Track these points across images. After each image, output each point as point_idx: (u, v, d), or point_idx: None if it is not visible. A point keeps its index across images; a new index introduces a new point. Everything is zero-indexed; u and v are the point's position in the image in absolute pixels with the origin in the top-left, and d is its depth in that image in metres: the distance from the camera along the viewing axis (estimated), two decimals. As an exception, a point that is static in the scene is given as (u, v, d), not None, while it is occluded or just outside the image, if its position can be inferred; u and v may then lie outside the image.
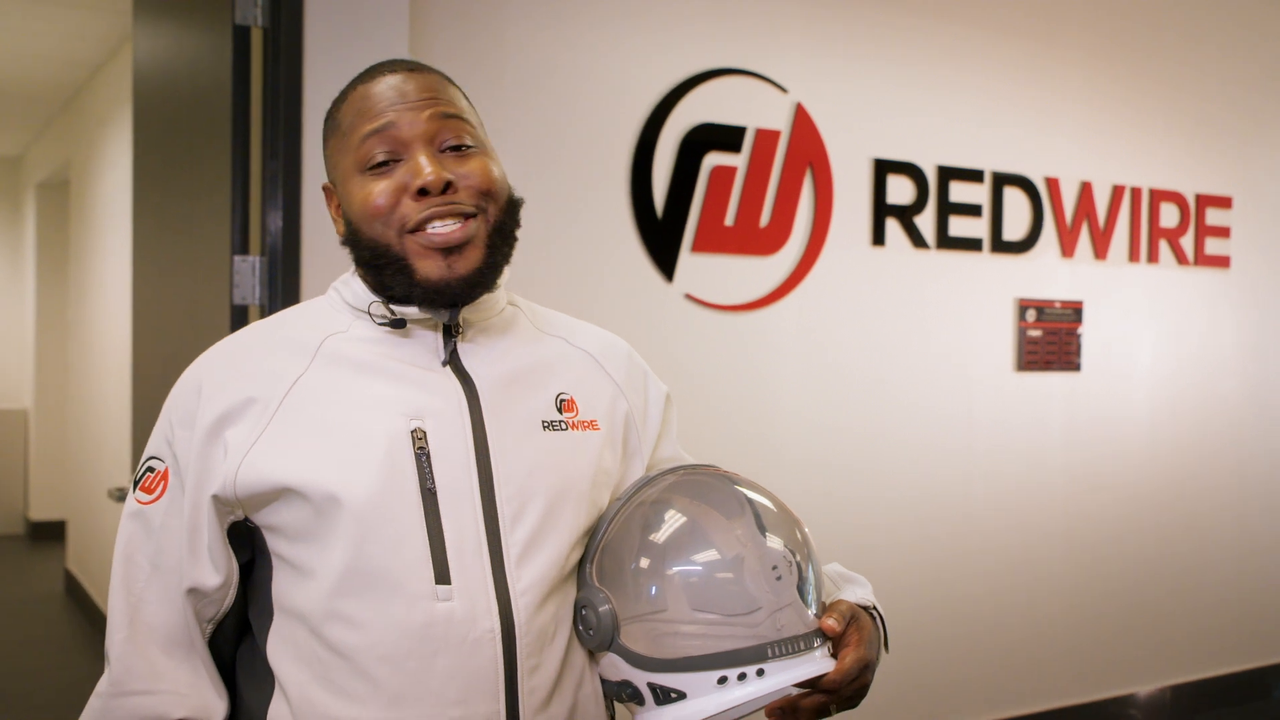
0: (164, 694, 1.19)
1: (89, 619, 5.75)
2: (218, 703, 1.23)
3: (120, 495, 2.55)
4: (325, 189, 1.30)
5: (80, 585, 6.13)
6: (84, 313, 6.23)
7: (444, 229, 1.18)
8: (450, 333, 1.25)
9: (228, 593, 1.22)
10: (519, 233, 1.27)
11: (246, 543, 1.23)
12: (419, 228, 1.18)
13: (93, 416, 5.88)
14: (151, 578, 1.21)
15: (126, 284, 4.25)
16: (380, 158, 1.20)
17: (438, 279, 1.19)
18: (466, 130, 1.23)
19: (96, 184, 5.85)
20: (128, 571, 1.22)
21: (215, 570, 1.20)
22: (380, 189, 1.19)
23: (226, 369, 1.22)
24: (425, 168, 1.18)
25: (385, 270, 1.20)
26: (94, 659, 5.04)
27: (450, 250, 1.18)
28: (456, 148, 1.22)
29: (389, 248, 1.19)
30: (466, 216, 1.20)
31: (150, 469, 1.24)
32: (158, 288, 3.02)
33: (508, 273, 1.29)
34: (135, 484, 1.25)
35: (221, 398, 1.19)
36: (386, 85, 1.22)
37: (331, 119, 1.27)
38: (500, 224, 1.23)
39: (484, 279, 1.22)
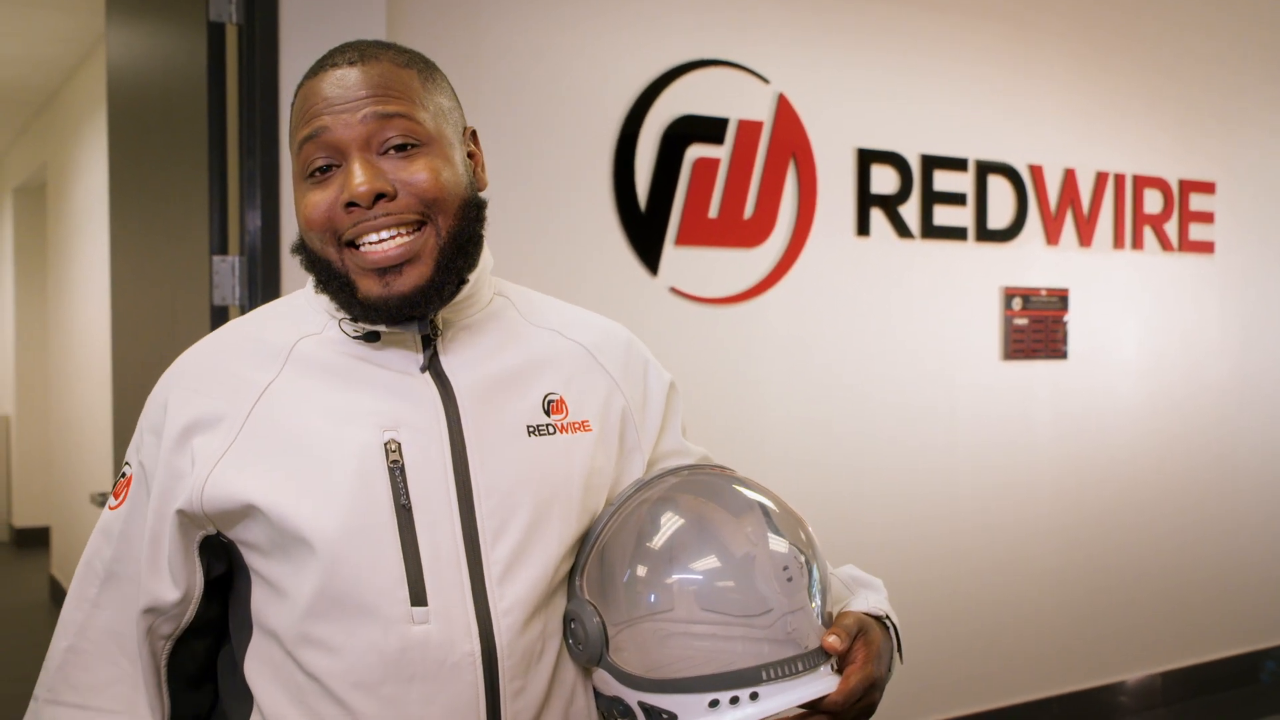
0: (95, 712, 1.15)
1: (75, 625, 5.70)
2: None
3: (101, 500, 2.53)
4: None
5: (65, 592, 6.08)
6: (64, 317, 6.18)
7: (379, 247, 1.09)
8: (428, 339, 1.17)
9: (187, 608, 1.16)
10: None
11: (223, 555, 1.17)
12: (353, 243, 1.10)
13: (75, 421, 5.84)
14: (106, 585, 1.17)
15: (106, 287, 4.21)
16: (320, 163, 1.10)
17: (377, 298, 1.10)
18: (411, 126, 1.10)
19: (74, 187, 5.80)
20: (84, 576, 1.19)
21: (174, 584, 1.14)
22: (316, 200, 1.11)
23: (196, 376, 1.17)
24: (355, 177, 1.08)
25: (329, 286, 1.13)
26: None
27: (387, 269, 1.10)
28: (401, 147, 1.10)
29: (330, 264, 1.12)
30: (413, 227, 1.10)
31: (122, 474, 1.20)
32: (136, 290, 3.00)
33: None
34: (112, 489, 1.21)
35: (189, 407, 1.14)
36: (328, 82, 1.11)
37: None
38: (455, 233, 1.12)
39: (429, 297, 1.12)
